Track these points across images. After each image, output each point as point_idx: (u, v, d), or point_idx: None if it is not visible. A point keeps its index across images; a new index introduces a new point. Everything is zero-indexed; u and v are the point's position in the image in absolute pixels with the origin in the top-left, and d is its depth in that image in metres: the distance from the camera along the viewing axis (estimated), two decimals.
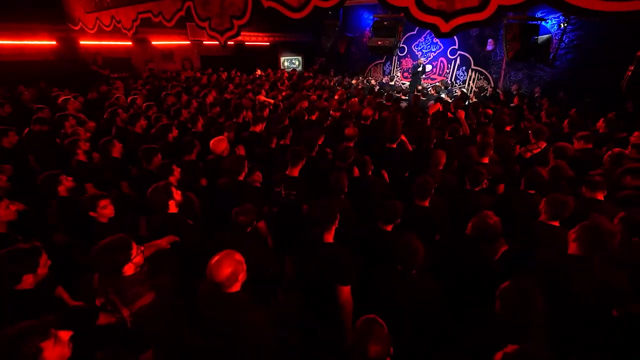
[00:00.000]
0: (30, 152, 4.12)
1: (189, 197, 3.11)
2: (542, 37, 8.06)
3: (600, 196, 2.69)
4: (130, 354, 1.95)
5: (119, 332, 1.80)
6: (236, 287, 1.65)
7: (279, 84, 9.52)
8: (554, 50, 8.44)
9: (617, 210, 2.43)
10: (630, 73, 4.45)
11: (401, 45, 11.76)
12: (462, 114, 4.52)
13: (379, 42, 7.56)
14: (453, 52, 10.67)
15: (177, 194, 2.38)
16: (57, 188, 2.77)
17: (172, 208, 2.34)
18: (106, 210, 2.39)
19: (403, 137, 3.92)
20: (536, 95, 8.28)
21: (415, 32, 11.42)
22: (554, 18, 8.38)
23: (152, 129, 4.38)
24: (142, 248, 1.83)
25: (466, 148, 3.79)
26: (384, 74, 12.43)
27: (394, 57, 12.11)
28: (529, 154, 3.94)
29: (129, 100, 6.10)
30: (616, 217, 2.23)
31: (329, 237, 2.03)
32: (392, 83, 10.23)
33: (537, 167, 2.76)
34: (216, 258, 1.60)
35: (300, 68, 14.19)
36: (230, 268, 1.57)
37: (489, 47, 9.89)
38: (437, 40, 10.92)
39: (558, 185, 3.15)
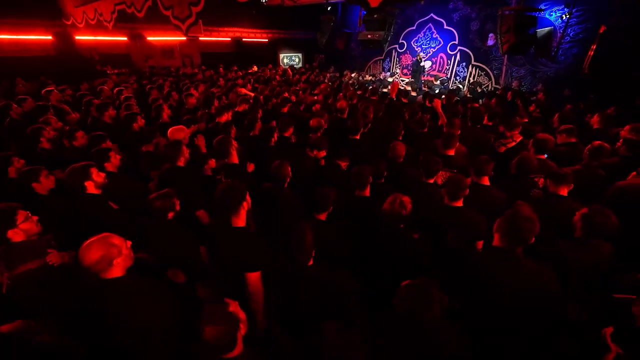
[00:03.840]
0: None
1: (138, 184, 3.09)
2: (543, 30, 7.65)
3: (564, 191, 2.47)
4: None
5: None
6: (116, 273, 1.55)
7: (273, 82, 9.48)
8: (557, 44, 8.00)
9: (579, 207, 2.21)
10: (592, 52, 4.05)
11: (400, 41, 11.51)
12: (438, 103, 4.32)
13: (369, 36, 7.37)
14: (453, 48, 10.31)
15: (99, 176, 2.31)
16: (7, 169, 2.77)
17: (91, 189, 2.28)
18: (48, 181, 2.44)
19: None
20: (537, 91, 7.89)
21: (414, 28, 11.13)
22: (558, 10, 7.95)
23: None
24: (36, 218, 1.77)
25: (432, 141, 3.59)
26: (383, 71, 12.18)
27: (393, 53, 11.85)
28: (502, 148, 3.69)
29: (115, 91, 6.19)
30: (577, 213, 2.02)
31: (238, 222, 1.90)
32: (382, 78, 9.98)
33: (485, 156, 2.54)
34: (88, 241, 1.50)
35: (300, 65, 14.12)
36: (99, 252, 1.47)
37: (490, 42, 9.50)
38: (437, 35, 10.60)
39: (525, 178, 2.93)
